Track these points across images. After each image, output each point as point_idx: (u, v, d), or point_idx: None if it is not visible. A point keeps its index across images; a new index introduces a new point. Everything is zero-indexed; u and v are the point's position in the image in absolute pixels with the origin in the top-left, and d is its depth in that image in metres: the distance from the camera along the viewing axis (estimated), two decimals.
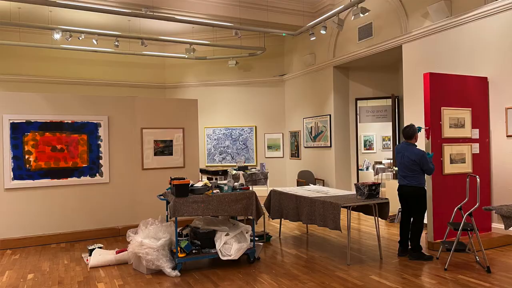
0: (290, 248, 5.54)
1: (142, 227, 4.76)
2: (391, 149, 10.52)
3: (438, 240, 5.25)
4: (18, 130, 5.98)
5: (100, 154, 6.48)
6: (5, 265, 4.98)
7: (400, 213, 6.17)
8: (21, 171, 5.97)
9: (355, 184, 5.02)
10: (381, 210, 4.97)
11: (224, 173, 7.49)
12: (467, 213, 4.55)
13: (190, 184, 4.63)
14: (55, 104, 6.26)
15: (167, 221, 5.02)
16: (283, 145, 11.24)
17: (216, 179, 7.22)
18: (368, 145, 14.49)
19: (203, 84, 11.54)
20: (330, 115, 9.36)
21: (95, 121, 6.47)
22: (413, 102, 7.09)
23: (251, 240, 4.78)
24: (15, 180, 5.94)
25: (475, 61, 5.94)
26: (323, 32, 7.94)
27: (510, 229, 3.83)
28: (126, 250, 4.87)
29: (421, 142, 5.84)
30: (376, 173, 12.45)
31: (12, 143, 5.93)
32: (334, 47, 9.17)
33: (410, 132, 4.96)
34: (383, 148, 14.58)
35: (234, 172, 7.24)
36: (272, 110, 11.29)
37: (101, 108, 6.57)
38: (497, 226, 5.61)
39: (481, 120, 5.67)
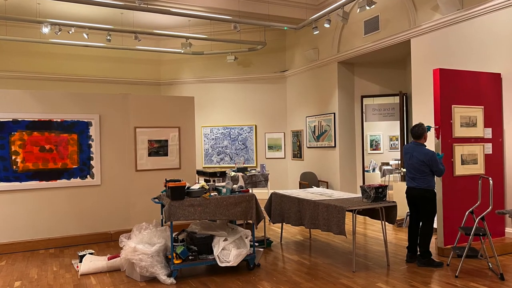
0: (292, 254, 5.54)
1: (135, 232, 4.76)
2: (399, 149, 10.51)
3: (449, 245, 5.25)
4: (4, 130, 5.97)
5: (91, 155, 6.48)
6: None
7: (408, 217, 6.17)
8: (7, 172, 5.97)
9: (360, 187, 5.02)
10: (388, 214, 4.97)
11: (222, 174, 7.48)
12: (479, 217, 4.55)
13: (187, 187, 4.63)
14: (44, 102, 6.26)
15: (162, 225, 5.02)
16: (284, 145, 11.24)
17: (214, 181, 7.22)
18: (375, 145, 14.49)
19: (200, 80, 11.55)
20: (334, 113, 9.36)
21: (85, 120, 6.47)
22: (422, 99, 7.09)
23: (250, 246, 4.78)
24: (1, 182, 5.94)
25: (487, 56, 5.94)
26: (327, 25, 7.94)
27: None
28: (119, 256, 4.87)
29: (431, 142, 5.84)
30: (383, 174, 12.45)
31: None
32: (339, 42, 9.17)
33: (419, 132, 4.96)
34: (390, 148, 14.58)
35: (233, 173, 7.24)
36: (273, 108, 11.29)
37: (92, 106, 6.57)
38: (511, 231, 5.61)
39: (494, 119, 5.67)
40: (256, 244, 5.77)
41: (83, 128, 6.45)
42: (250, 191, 5.29)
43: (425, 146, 4.97)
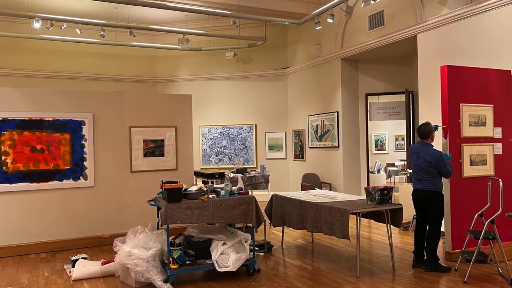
0: (294, 259, 5.54)
1: (130, 235, 4.76)
2: (405, 150, 10.51)
3: (457, 250, 5.25)
4: None
5: (84, 155, 6.48)
6: None
7: (414, 220, 6.17)
8: None
9: (365, 188, 5.02)
10: (394, 217, 4.97)
11: (221, 176, 7.49)
12: (488, 220, 4.55)
13: (184, 188, 4.63)
14: (35, 100, 6.25)
15: (158, 229, 5.02)
16: (285, 145, 11.24)
17: (212, 182, 7.23)
18: (380, 145, 14.49)
19: (197, 78, 11.54)
20: (337, 112, 9.36)
21: (78, 119, 6.47)
22: (429, 97, 7.09)
23: (250, 250, 4.78)
24: None
25: (497, 52, 5.94)
26: (330, 20, 7.94)
27: None
28: (113, 261, 4.87)
29: (438, 142, 5.84)
30: (389, 176, 12.45)
31: None
32: (342, 37, 9.17)
33: (426, 131, 4.96)
34: (396, 149, 14.58)
35: (232, 175, 7.24)
36: (274, 106, 11.29)
37: (86, 105, 6.57)
38: None
39: (504, 118, 5.67)
40: (256, 248, 5.77)
41: (75, 127, 6.45)
42: (250, 193, 5.29)
43: (432, 146, 4.97)
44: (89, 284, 4.65)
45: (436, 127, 5.09)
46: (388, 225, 4.93)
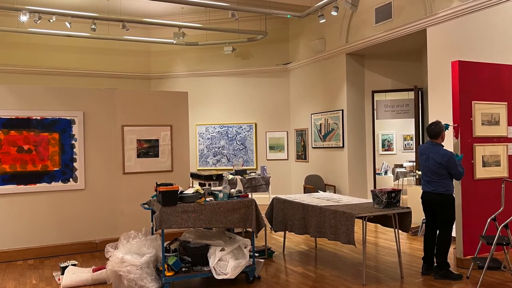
0: (296, 266, 5.54)
1: (123, 241, 4.76)
2: (414, 150, 10.52)
3: (469, 256, 5.24)
4: None
5: (74, 156, 6.49)
6: None
7: (424, 224, 6.17)
8: None
9: (371, 191, 5.02)
10: (402, 221, 4.97)
11: (219, 178, 7.48)
12: (502, 225, 4.55)
13: (179, 191, 4.64)
14: (22, 97, 6.26)
15: (152, 234, 5.02)
16: (287, 145, 11.24)
17: (209, 185, 7.23)
18: (387, 145, 14.49)
19: (194, 74, 11.55)
20: (342, 110, 9.36)
21: (68, 117, 6.47)
22: (439, 95, 7.09)
23: (250, 256, 4.78)
24: None
25: (511, 47, 5.94)
26: (334, 13, 7.94)
27: None
28: (105, 268, 4.87)
29: (449, 142, 5.83)
30: (396, 178, 12.45)
31: None
32: (347, 31, 9.17)
33: (435, 130, 4.96)
34: (404, 149, 14.58)
35: (231, 176, 7.24)
36: (275, 104, 11.29)
37: (76, 102, 6.57)
38: None
39: None
40: (256, 254, 5.77)
41: (65, 126, 6.45)
42: (250, 196, 5.29)
43: (443, 146, 4.97)
44: None
45: (446, 126, 5.09)
46: (396, 229, 4.93)
